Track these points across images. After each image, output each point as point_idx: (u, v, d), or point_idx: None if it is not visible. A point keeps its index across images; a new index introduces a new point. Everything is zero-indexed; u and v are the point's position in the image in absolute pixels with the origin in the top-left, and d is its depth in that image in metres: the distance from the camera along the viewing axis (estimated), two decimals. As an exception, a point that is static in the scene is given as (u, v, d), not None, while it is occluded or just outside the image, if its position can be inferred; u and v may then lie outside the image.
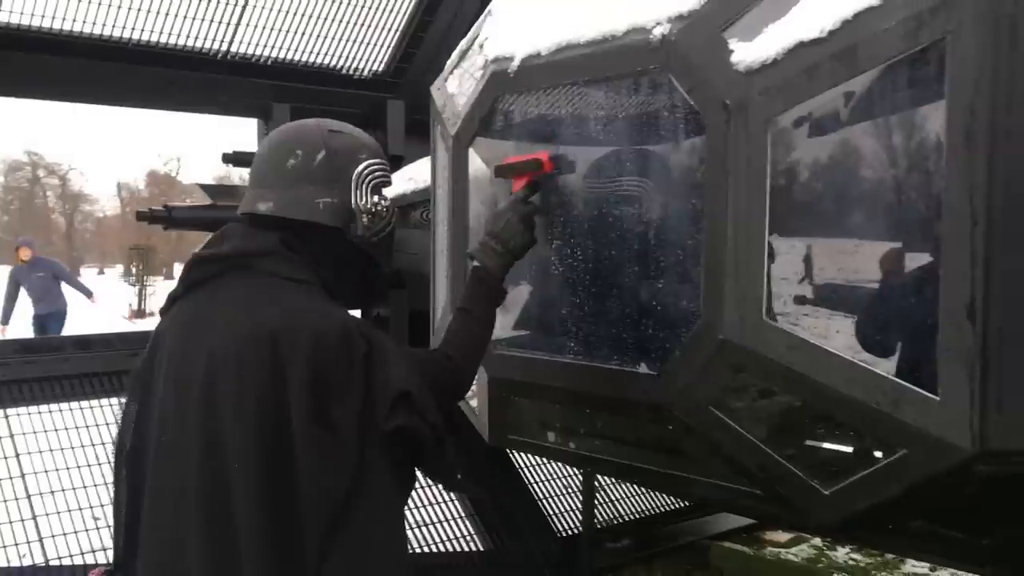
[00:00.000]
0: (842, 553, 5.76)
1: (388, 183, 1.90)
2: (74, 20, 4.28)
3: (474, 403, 2.41)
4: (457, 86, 2.39)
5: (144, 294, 24.27)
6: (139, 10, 4.42)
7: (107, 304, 27.52)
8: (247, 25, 4.75)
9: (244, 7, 4.66)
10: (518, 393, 2.21)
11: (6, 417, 4.16)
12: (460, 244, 2.31)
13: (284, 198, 1.79)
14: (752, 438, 1.76)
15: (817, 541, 5.92)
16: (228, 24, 4.69)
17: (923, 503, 1.71)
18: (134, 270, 27.86)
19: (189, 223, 4.99)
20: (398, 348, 1.73)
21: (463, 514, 4.92)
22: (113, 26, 4.39)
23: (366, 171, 1.85)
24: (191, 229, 5.08)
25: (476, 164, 2.28)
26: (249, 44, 4.84)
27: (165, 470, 1.78)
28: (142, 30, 4.50)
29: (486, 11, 2.44)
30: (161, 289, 28.83)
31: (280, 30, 4.86)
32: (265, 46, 4.90)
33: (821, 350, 1.65)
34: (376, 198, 1.86)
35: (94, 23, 4.33)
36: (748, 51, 1.69)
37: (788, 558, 5.57)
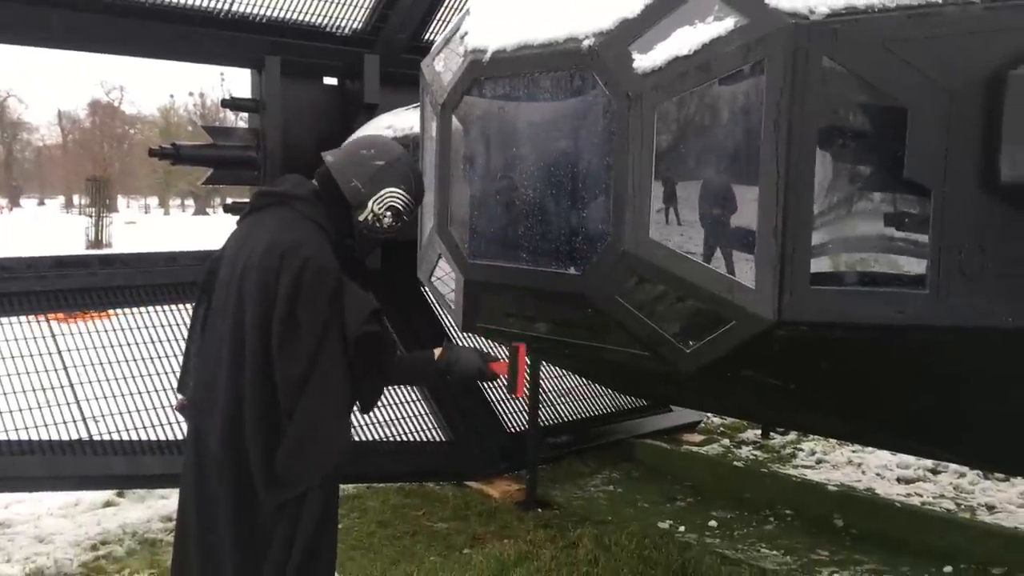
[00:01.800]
0: (745, 450, 6.80)
1: (401, 212, 2.76)
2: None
3: (452, 301, 3.30)
4: (443, 66, 3.23)
5: (101, 224, 24.55)
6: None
7: (57, 234, 27.74)
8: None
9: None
10: (485, 291, 3.10)
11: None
12: (446, 183, 3.17)
13: (342, 164, 2.71)
14: (642, 316, 2.68)
15: (725, 441, 6.96)
16: (230, -13, 5.41)
17: (749, 357, 2.64)
18: (86, 201, 27.98)
19: (195, 159, 5.76)
20: (361, 290, 2.65)
21: (428, 411, 5.84)
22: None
23: (394, 193, 2.74)
24: (197, 165, 5.85)
25: (456, 124, 3.14)
26: (245, 4, 5.55)
27: (212, 328, 2.70)
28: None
29: (465, 10, 3.27)
30: (116, 221, 29.19)
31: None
32: (259, 5, 5.61)
33: (684, 257, 2.57)
34: (387, 215, 2.73)
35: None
36: (644, 60, 2.57)
37: (699, 453, 6.60)
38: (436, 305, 5.87)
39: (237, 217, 2.93)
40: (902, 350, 2.67)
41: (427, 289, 3.53)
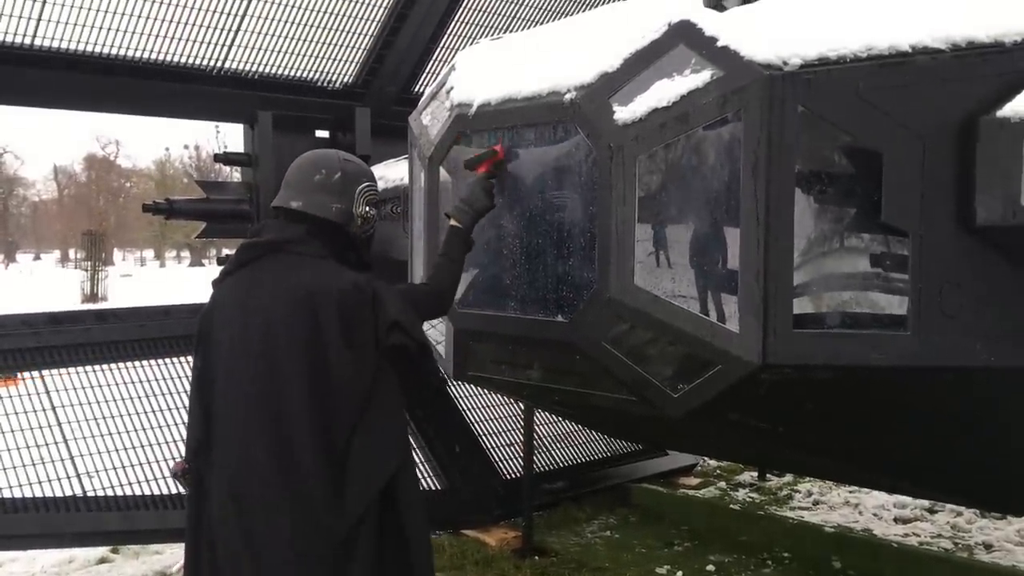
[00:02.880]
0: (742, 493, 6.79)
1: (375, 200, 2.87)
2: (92, 43, 5.07)
3: (442, 349, 3.33)
4: (430, 119, 3.30)
5: (97, 278, 24.62)
6: (145, 34, 5.22)
7: (52, 288, 27.81)
8: (237, 46, 5.58)
9: (236, 31, 5.50)
10: (475, 340, 3.15)
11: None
12: (434, 234, 3.23)
13: (310, 201, 2.75)
14: (629, 362, 2.72)
15: (722, 484, 6.96)
16: (221, 45, 5.52)
17: (735, 400, 2.68)
18: (82, 255, 28.10)
19: (188, 213, 5.82)
20: (394, 289, 2.70)
21: (422, 460, 5.84)
22: (126, 47, 5.19)
23: (365, 189, 2.84)
24: (190, 219, 5.92)
25: (443, 176, 3.20)
26: (238, 61, 5.66)
27: (232, 386, 2.69)
28: (149, 51, 5.30)
29: (451, 65, 3.36)
30: (112, 274, 29.28)
31: (264, 49, 5.69)
32: (252, 63, 5.73)
33: (669, 303, 2.62)
34: (368, 208, 2.84)
35: (110, 45, 5.12)
36: (624, 111, 2.64)
37: (696, 496, 6.59)
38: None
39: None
40: (886, 391, 2.71)
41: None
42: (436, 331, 3.36)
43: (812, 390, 2.66)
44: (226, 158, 6.08)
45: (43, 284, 32.84)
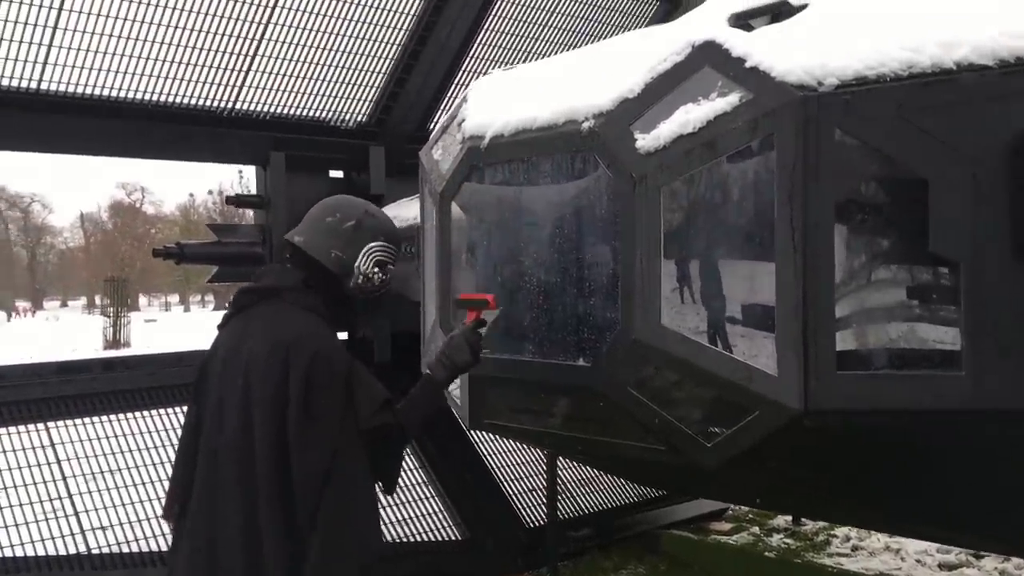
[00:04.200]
0: (776, 538, 6.51)
1: (387, 262, 2.64)
2: (98, 86, 4.97)
3: (457, 396, 3.13)
4: (441, 154, 3.14)
5: (119, 324, 24.66)
6: (157, 77, 5.12)
7: (76, 335, 27.86)
8: (249, 87, 5.47)
9: (246, 72, 5.39)
10: (492, 386, 2.95)
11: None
12: (447, 274, 3.05)
13: (313, 240, 2.57)
14: (657, 408, 2.51)
15: (755, 530, 6.67)
16: (232, 87, 5.41)
17: (775, 448, 2.46)
18: (107, 301, 28.22)
19: (199, 258, 5.68)
20: (371, 376, 2.49)
21: (442, 508, 5.62)
22: (133, 90, 5.08)
23: (376, 247, 2.62)
24: (201, 263, 5.77)
25: (456, 212, 3.03)
26: (249, 102, 5.55)
27: (213, 437, 2.52)
28: (156, 93, 5.19)
29: (463, 97, 3.20)
30: (134, 319, 29.32)
31: (275, 89, 5.58)
32: (263, 104, 5.61)
33: (699, 343, 2.41)
34: (376, 269, 2.61)
35: (117, 88, 5.02)
36: (647, 139, 2.46)
37: (728, 543, 6.32)
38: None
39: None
40: (939, 436, 2.48)
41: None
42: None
43: (857, 437, 2.44)
44: (238, 200, 5.95)
45: (68, 331, 33.00)
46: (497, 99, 2.97)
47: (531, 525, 5.88)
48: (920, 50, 2.41)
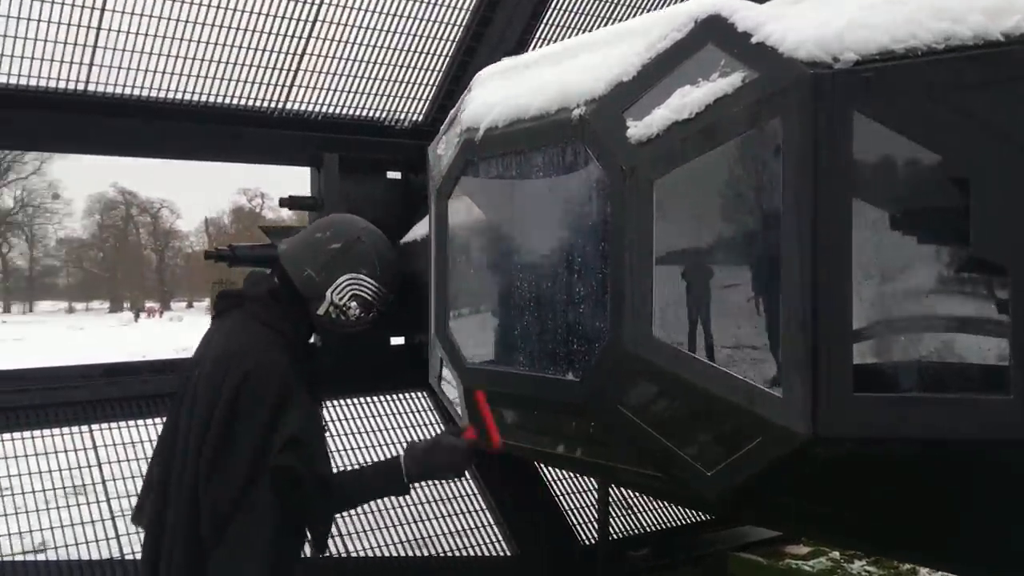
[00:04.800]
0: (857, 565, 6.05)
1: (370, 303, 2.38)
2: (145, 87, 4.95)
3: (459, 410, 2.91)
4: (443, 148, 2.92)
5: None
6: (205, 77, 5.07)
7: (194, 335, 28.78)
8: (299, 86, 5.38)
9: (295, 71, 5.30)
10: (488, 400, 2.70)
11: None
12: (443, 279, 2.82)
13: (294, 251, 2.36)
14: (650, 430, 2.22)
15: (835, 554, 6.21)
16: (282, 86, 5.32)
17: (783, 480, 2.14)
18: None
19: (250, 260, 5.61)
20: (313, 411, 2.25)
21: (491, 522, 5.39)
22: (184, 91, 5.05)
23: (356, 280, 2.36)
24: (251, 266, 5.71)
25: (452, 210, 2.80)
26: (300, 103, 5.45)
27: (163, 447, 2.34)
28: (209, 94, 5.15)
29: (470, 85, 2.97)
30: (242, 321, 30.05)
31: (327, 89, 5.47)
32: (315, 103, 5.51)
33: (694, 358, 2.12)
34: (353, 305, 2.36)
35: (167, 89, 4.99)
36: (639, 127, 2.18)
37: (803, 568, 5.89)
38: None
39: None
40: (979, 469, 2.12)
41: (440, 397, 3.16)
42: (451, 387, 2.93)
43: (880, 468, 2.10)
44: (291, 202, 5.86)
45: (189, 331, 34.26)
46: (498, 88, 2.73)
47: (587, 542, 5.59)
48: (960, 19, 2.06)
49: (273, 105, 5.40)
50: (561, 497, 5.72)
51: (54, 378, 4.88)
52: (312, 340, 2.51)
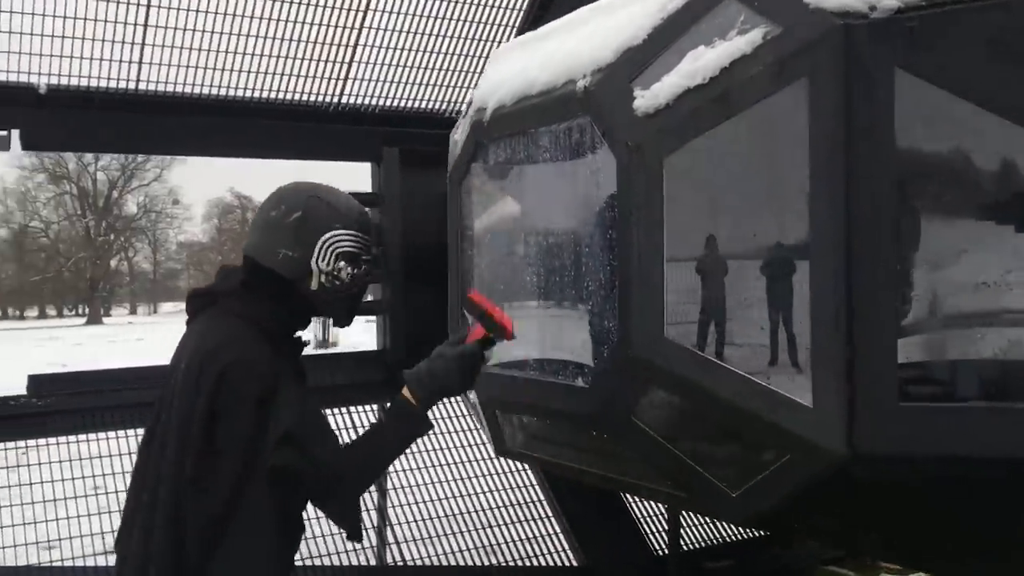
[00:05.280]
0: (961, 581, 5.53)
1: (356, 254, 2.11)
2: (200, 84, 4.88)
3: (482, 419, 2.67)
4: (460, 133, 2.69)
5: (327, 324, 25.71)
6: (256, 72, 4.96)
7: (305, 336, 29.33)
8: (356, 79, 5.22)
9: (350, 63, 5.15)
10: (501, 408, 2.46)
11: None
12: (456, 272, 2.59)
13: (258, 241, 2.11)
14: (668, 445, 1.94)
15: (937, 568, 5.71)
16: (336, 79, 5.18)
17: (817, 502, 1.83)
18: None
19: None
20: (302, 391, 2.00)
21: (559, 530, 5.13)
22: (237, 88, 4.96)
23: (334, 238, 2.09)
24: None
25: (469, 198, 2.56)
26: (357, 96, 5.30)
27: (139, 459, 2.15)
28: (260, 89, 5.04)
29: (487, 64, 2.73)
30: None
31: (384, 81, 5.31)
32: (372, 97, 5.35)
33: (712, 362, 1.83)
34: (342, 264, 2.09)
35: (218, 86, 4.90)
36: (647, 97, 1.90)
37: (899, 584, 5.42)
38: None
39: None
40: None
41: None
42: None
43: (935, 491, 1.77)
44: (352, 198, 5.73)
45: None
46: (509, 65, 2.48)
47: (659, 552, 5.28)
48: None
49: (327, 100, 5.27)
50: (633, 503, 5.42)
51: (145, 378, 4.84)
52: (299, 335, 2.28)
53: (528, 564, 4.97)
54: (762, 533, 5.70)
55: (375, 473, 2.17)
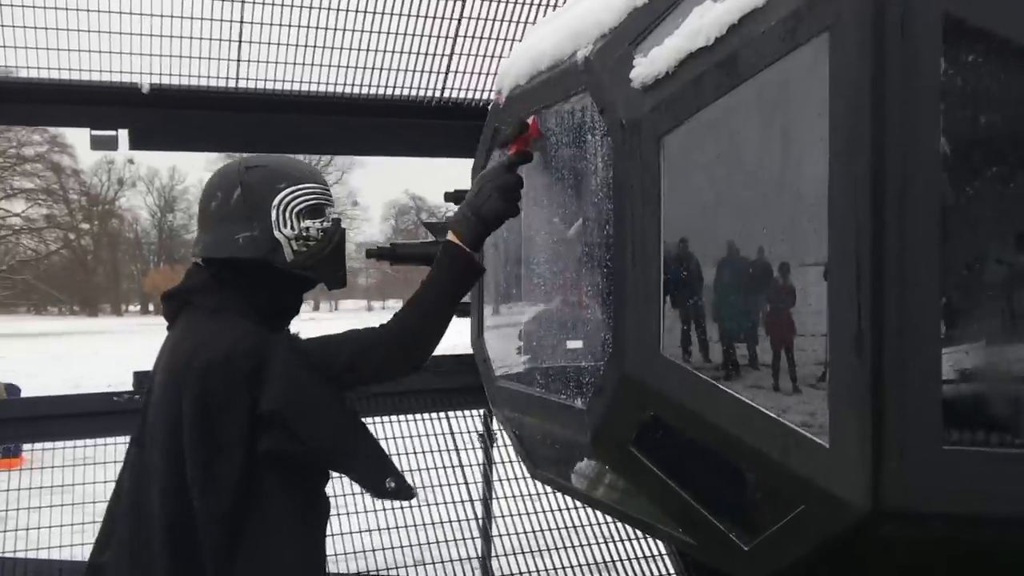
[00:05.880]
0: None
1: (317, 206, 1.90)
2: (295, 80, 4.81)
3: (514, 432, 2.40)
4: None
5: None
6: (351, 67, 4.86)
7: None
8: (454, 72, 5.04)
9: (451, 56, 4.96)
10: (514, 426, 2.19)
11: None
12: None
13: (209, 239, 1.89)
14: (672, 484, 1.62)
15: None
16: (438, 73, 5.01)
17: (850, 563, 1.47)
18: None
19: (412, 258, 5.35)
20: (291, 358, 1.75)
21: (660, 552, 4.78)
22: (336, 84, 4.87)
23: (287, 199, 1.87)
24: (412, 264, 5.46)
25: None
26: (457, 90, 5.10)
27: (124, 470, 1.99)
28: (355, 84, 4.93)
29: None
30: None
31: (486, 74, 5.09)
32: (474, 91, 5.14)
33: (711, 385, 1.49)
34: (308, 223, 1.88)
35: (312, 82, 4.82)
36: (646, 65, 1.58)
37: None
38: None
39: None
40: None
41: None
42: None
43: (985, 559, 1.37)
44: (456, 196, 5.56)
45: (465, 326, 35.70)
46: (531, 38, 2.20)
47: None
48: None
49: (427, 94, 5.11)
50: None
51: None
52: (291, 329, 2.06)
53: (626, 586, 4.65)
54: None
55: (434, 329, 1.87)
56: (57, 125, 11.87)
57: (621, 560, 4.78)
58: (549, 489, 4.84)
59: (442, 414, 4.95)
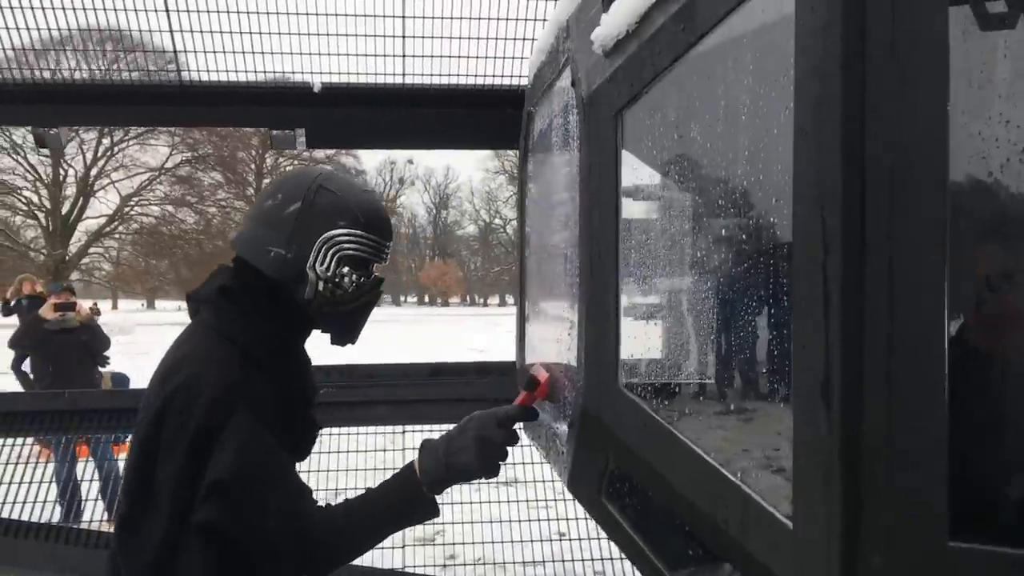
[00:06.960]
0: None
1: (363, 259, 1.70)
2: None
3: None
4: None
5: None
6: (425, 57, 4.64)
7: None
8: (505, 58, 4.65)
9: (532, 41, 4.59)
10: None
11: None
12: (522, 266, 2.06)
13: (247, 235, 1.72)
14: (641, 543, 1.30)
15: None
16: (517, 59, 4.65)
17: None
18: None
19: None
20: (256, 440, 1.56)
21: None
22: (411, 75, 4.66)
23: (337, 237, 1.68)
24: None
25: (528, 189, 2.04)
26: (498, 78, 4.72)
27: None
28: (406, 74, 4.69)
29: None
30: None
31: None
32: (515, 77, 4.73)
33: (670, 433, 1.16)
34: (345, 270, 1.69)
35: (379, 75, 4.65)
36: (607, 26, 1.27)
37: None
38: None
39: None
40: None
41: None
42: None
43: None
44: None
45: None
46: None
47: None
48: None
49: (473, 82, 4.77)
50: None
51: (407, 375, 4.85)
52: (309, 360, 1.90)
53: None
54: None
55: (365, 548, 1.72)
56: (239, 126, 12.56)
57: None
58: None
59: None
